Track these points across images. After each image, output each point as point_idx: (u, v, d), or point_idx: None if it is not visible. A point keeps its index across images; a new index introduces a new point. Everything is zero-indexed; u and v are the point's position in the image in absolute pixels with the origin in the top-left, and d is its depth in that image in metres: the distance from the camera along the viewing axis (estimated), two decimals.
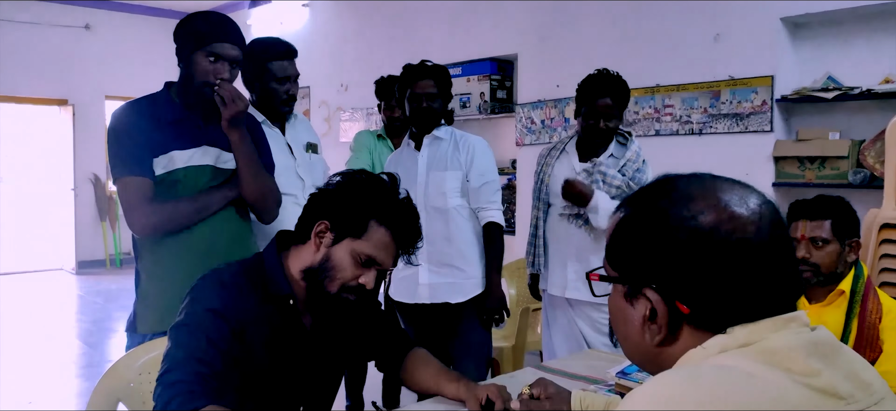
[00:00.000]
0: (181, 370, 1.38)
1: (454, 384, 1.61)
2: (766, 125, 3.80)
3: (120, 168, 2.07)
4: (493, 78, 5.37)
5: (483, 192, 2.73)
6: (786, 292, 0.78)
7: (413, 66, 2.80)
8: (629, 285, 0.82)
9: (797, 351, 0.73)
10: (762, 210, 0.78)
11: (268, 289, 1.54)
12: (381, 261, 1.51)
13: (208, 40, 2.04)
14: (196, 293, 1.50)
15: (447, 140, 2.79)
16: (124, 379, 1.83)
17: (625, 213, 0.84)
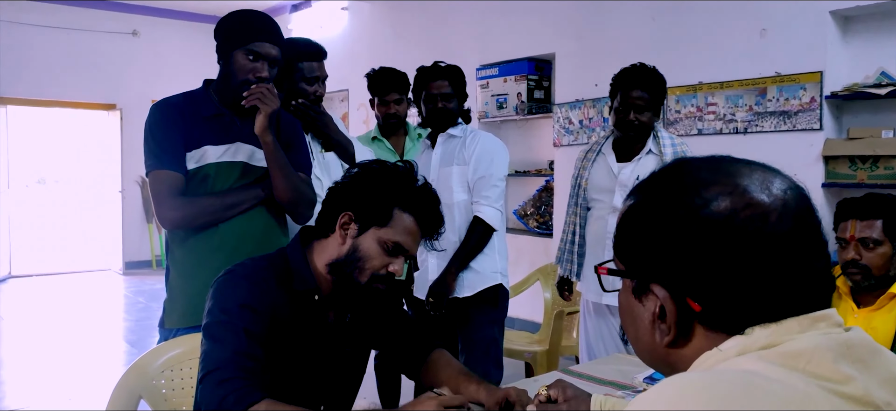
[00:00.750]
0: (228, 368, 1.36)
1: (473, 386, 1.57)
2: (815, 123, 3.64)
3: (152, 161, 2.09)
4: (530, 78, 5.29)
5: (477, 186, 2.72)
6: (814, 289, 0.68)
7: (427, 68, 2.82)
8: (637, 280, 0.75)
9: (825, 354, 0.64)
10: (787, 196, 0.69)
11: (292, 284, 1.53)
12: (408, 246, 1.51)
13: (248, 39, 2.04)
14: (222, 290, 1.49)
15: (460, 137, 2.80)
16: (146, 376, 1.82)
17: (633, 201, 0.77)
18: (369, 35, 7.07)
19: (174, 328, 2.09)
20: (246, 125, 2.13)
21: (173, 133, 2.07)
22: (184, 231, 2.12)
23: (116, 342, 5.54)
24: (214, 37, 2.12)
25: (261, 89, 2.04)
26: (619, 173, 2.66)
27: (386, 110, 3.30)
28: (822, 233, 0.70)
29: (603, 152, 2.77)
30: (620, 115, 2.61)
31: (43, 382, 4.45)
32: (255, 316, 1.43)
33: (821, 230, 0.70)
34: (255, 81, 2.04)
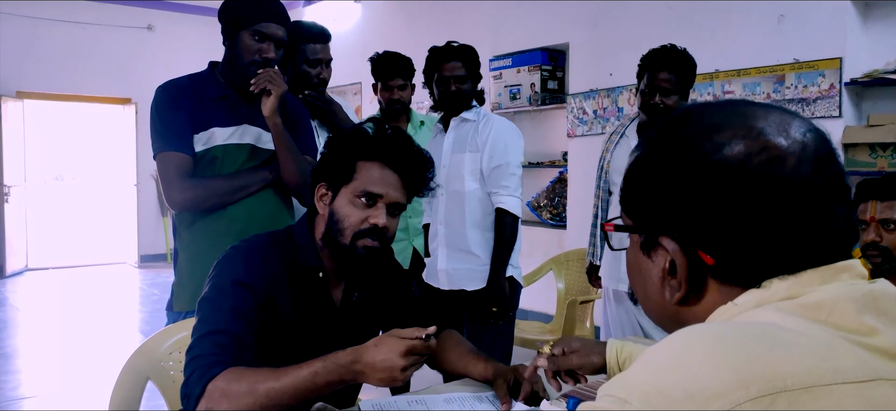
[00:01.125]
0: (202, 344, 1.35)
1: (482, 364, 1.55)
2: (834, 110, 3.57)
3: (159, 143, 2.08)
4: (543, 68, 5.25)
5: (495, 175, 2.59)
6: (835, 239, 0.64)
7: (439, 48, 2.68)
8: (645, 235, 0.71)
9: (848, 305, 0.60)
10: (806, 139, 0.64)
11: (297, 262, 1.51)
12: (382, 191, 1.46)
13: (254, 20, 2.02)
14: (222, 265, 1.47)
15: (473, 121, 2.67)
16: (154, 357, 1.81)
17: (641, 151, 0.72)
18: (382, 28, 7.05)
19: (182, 311, 2.09)
20: (252, 107, 2.11)
21: (180, 114, 2.06)
22: (191, 214, 2.11)
23: (131, 333, 5.57)
24: (219, 18, 2.09)
25: (269, 73, 2.03)
26: None
27: (389, 95, 3.16)
28: (844, 179, 0.65)
29: (627, 135, 2.73)
30: (646, 98, 2.55)
31: (58, 372, 4.48)
32: (245, 293, 1.41)
33: (844, 176, 0.65)
34: (261, 62, 2.03)
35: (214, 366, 1.29)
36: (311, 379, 1.27)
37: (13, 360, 4.70)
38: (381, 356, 1.26)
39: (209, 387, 1.26)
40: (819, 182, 0.63)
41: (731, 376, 0.54)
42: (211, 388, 1.26)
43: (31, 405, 3.84)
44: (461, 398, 1.44)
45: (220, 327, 1.35)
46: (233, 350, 1.33)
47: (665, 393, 0.55)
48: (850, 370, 0.55)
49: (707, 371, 0.55)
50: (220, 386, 1.26)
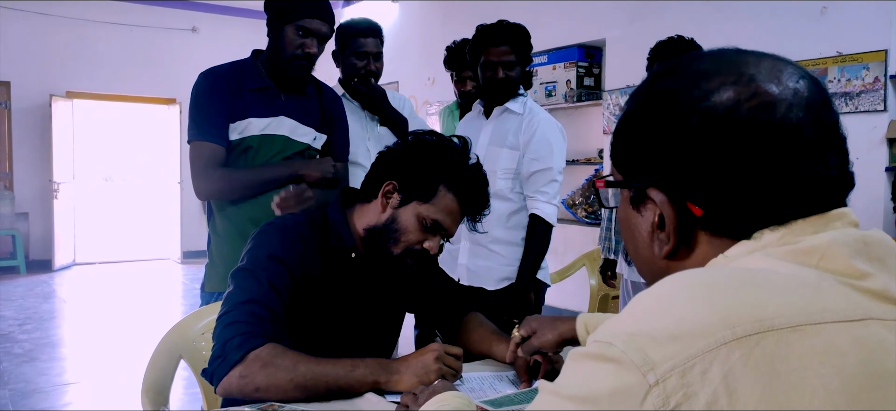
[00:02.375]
0: (239, 311, 1.37)
1: (504, 345, 1.55)
2: (878, 104, 3.47)
3: (194, 131, 2.12)
4: (579, 64, 5.21)
5: (534, 180, 2.42)
6: (828, 188, 0.62)
7: (487, 27, 2.48)
8: (634, 189, 0.69)
9: (840, 249, 0.59)
10: (798, 86, 0.62)
11: (330, 242, 1.53)
12: (447, 226, 1.48)
13: (299, 14, 2.06)
14: (258, 240, 1.50)
15: (519, 115, 2.48)
16: (187, 337, 1.85)
17: (630, 104, 0.70)
18: (419, 27, 7.09)
19: (215, 292, 2.13)
20: (289, 99, 2.16)
21: (217, 104, 2.10)
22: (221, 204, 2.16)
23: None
24: (265, 9, 2.14)
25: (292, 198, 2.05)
26: None
27: (462, 87, 3.25)
28: (839, 127, 0.63)
29: None
30: None
31: (100, 359, 4.61)
32: (281, 269, 1.43)
33: (838, 125, 0.63)
34: (303, 56, 2.07)
35: (257, 337, 1.32)
36: (350, 369, 1.31)
37: (59, 348, 4.86)
38: (416, 357, 1.34)
39: (251, 355, 1.29)
40: (812, 129, 0.61)
41: (715, 316, 0.54)
42: (252, 356, 1.29)
43: (75, 390, 3.96)
44: (482, 377, 1.45)
45: (258, 298, 1.38)
46: (270, 324, 1.36)
47: (650, 335, 0.55)
48: (841, 309, 0.55)
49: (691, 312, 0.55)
50: (262, 356, 1.29)
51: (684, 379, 0.52)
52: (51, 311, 6.02)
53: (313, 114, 2.23)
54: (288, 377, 1.27)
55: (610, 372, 0.55)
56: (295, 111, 2.16)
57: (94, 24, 8.33)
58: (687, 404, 0.51)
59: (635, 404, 0.53)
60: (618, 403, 0.54)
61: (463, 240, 2.51)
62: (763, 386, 0.51)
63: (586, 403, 0.55)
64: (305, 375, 1.27)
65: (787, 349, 0.52)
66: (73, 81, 8.34)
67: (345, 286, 1.55)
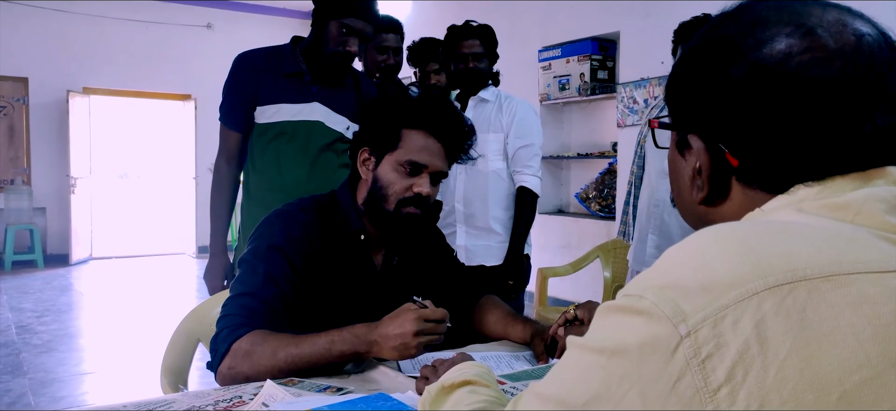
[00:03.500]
0: (232, 304, 1.39)
1: (520, 326, 1.55)
2: None
3: (221, 113, 2.28)
4: (593, 58, 5.20)
5: (520, 156, 2.64)
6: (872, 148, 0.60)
7: (457, 27, 2.71)
8: (679, 132, 0.70)
9: (876, 205, 0.57)
10: (862, 42, 0.59)
11: (339, 225, 1.54)
12: (426, 161, 1.47)
13: (344, 12, 2.10)
14: (262, 229, 1.51)
15: (492, 102, 2.70)
16: (205, 321, 1.87)
17: (687, 47, 0.70)
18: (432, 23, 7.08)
19: None
20: (322, 90, 2.21)
21: (242, 90, 2.19)
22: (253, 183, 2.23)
23: None
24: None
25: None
26: None
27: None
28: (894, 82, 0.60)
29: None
30: None
31: (117, 350, 4.66)
32: (279, 258, 1.43)
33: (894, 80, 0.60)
34: (343, 53, 2.12)
35: (241, 328, 1.33)
36: (328, 347, 1.30)
37: (77, 339, 4.91)
38: (394, 325, 1.29)
39: (234, 346, 1.31)
40: (864, 87, 0.59)
41: (747, 267, 0.53)
42: (235, 347, 1.31)
43: (92, 379, 4.01)
44: (498, 356, 1.45)
45: (251, 290, 1.39)
46: (261, 314, 1.37)
47: (680, 287, 0.54)
48: (874, 260, 0.54)
49: (722, 263, 0.54)
50: (244, 346, 1.31)
51: (716, 329, 0.51)
52: (68, 304, 6.09)
53: (348, 105, 2.27)
54: (270, 363, 1.28)
55: (640, 324, 0.54)
56: (329, 99, 2.22)
57: (110, 20, 8.40)
58: (718, 354, 0.51)
59: (666, 355, 0.52)
60: (648, 354, 0.53)
61: (458, 223, 2.69)
62: (795, 335, 0.50)
63: (615, 355, 0.55)
64: (286, 359, 1.28)
65: (820, 298, 0.51)
66: (90, 77, 8.42)
67: (355, 269, 1.55)
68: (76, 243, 8.23)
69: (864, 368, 0.49)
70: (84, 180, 8.41)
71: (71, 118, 8.01)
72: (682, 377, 0.52)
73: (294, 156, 2.20)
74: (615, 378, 0.54)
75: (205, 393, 1.21)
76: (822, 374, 0.49)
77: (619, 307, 0.57)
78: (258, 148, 2.22)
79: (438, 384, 0.91)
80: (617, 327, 0.56)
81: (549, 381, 0.61)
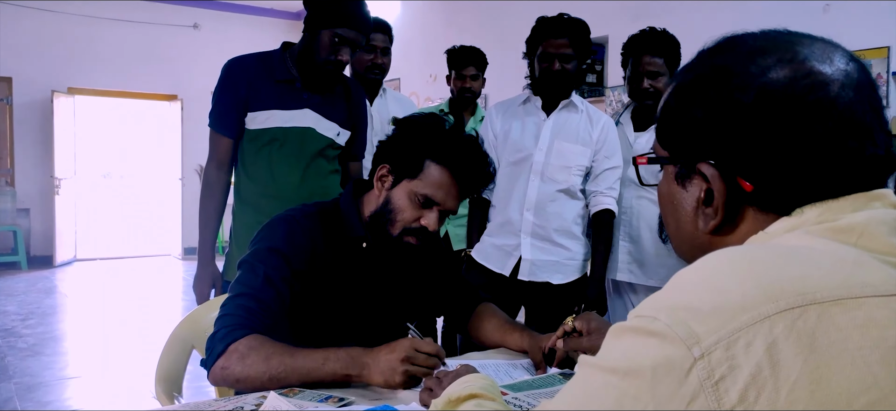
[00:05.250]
0: (231, 304, 1.39)
1: (518, 334, 1.56)
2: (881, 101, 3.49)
3: (211, 118, 2.26)
4: None
5: (607, 176, 2.47)
6: (871, 168, 0.63)
7: (547, 20, 2.50)
8: (682, 164, 0.70)
9: (878, 228, 0.60)
10: (848, 68, 0.64)
11: (341, 232, 1.54)
12: (440, 200, 1.47)
13: (337, 22, 2.09)
14: (264, 231, 1.51)
15: (582, 110, 2.50)
16: (199, 327, 1.86)
17: (680, 80, 0.71)
18: (421, 25, 7.10)
19: None
20: (314, 96, 2.21)
21: (233, 96, 2.18)
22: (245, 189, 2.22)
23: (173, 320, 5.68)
24: (304, 5, 2.17)
25: None
26: (635, 143, 2.53)
27: (462, 84, 3.39)
28: (883, 111, 0.65)
29: (621, 122, 2.63)
30: (634, 84, 2.47)
31: (102, 354, 4.62)
32: (280, 262, 1.43)
33: (882, 108, 0.65)
34: (334, 62, 2.12)
35: (238, 329, 1.33)
36: (322, 362, 1.29)
37: (61, 342, 4.87)
38: (385, 350, 1.28)
39: (231, 347, 1.31)
40: (861, 109, 0.62)
41: (758, 290, 0.54)
42: (232, 349, 1.31)
43: (78, 383, 3.97)
44: (496, 365, 1.45)
45: (250, 291, 1.39)
46: (259, 316, 1.37)
47: (693, 309, 0.55)
48: (880, 284, 0.55)
49: (734, 286, 0.55)
50: (240, 348, 1.31)
51: (729, 351, 0.52)
52: (53, 306, 6.03)
53: (339, 111, 2.28)
54: (262, 369, 1.28)
55: (653, 345, 0.55)
56: (320, 106, 2.22)
57: (95, 20, 8.33)
58: (731, 376, 0.52)
59: (679, 377, 0.53)
60: (661, 376, 0.54)
61: (524, 233, 2.46)
62: (805, 358, 0.51)
63: (629, 376, 0.56)
64: (278, 368, 1.28)
65: (829, 321, 0.53)
66: (75, 77, 8.34)
67: (355, 276, 1.55)
68: (60, 245, 8.15)
69: (873, 390, 0.51)
70: (68, 181, 8.33)
71: (55, 118, 7.93)
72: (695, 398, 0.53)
73: (287, 161, 2.20)
74: (629, 398, 0.55)
75: (205, 403, 1.21)
76: (832, 396, 0.51)
77: (632, 328, 0.58)
78: (250, 153, 2.22)
79: (444, 397, 0.91)
80: (630, 348, 0.57)
81: (561, 400, 0.62)
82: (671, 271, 2.17)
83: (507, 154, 2.51)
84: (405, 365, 1.25)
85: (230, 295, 1.42)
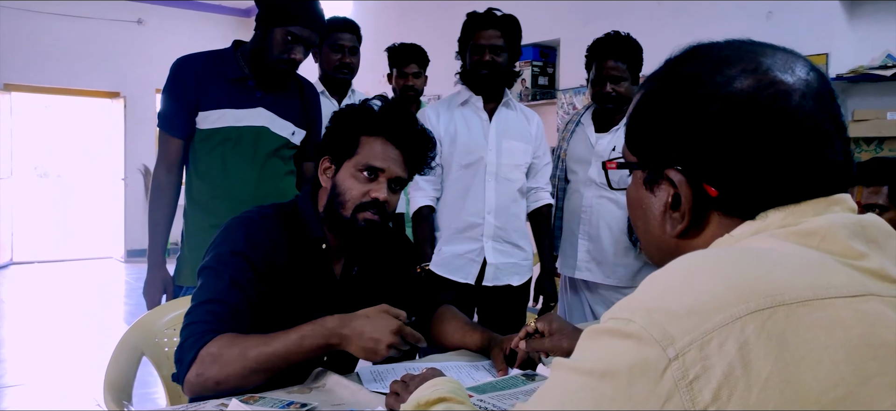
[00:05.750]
0: (198, 311, 1.37)
1: (478, 335, 1.57)
2: None
3: (160, 119, 2.20)
4: (534, 63, 5.28)
5: (546, 172, 2.57)
6: (832, 174, 0.66)
7: (478, 14, 2.52)
8: (650, 169, 0.72)
9: (839, 231, 0.62)
10: (809, 77, 0.67)
11: (300, 233, 1.53)
12: (383, 165, 1.48)
13: (290, 20, 2.06)
14: (224, 234, 1.49)
15: (515, 108, 2.56)
16: (150, 333, 1.81)
17: (647, 88, 0.74)
18: (373, 25, 7.06)
19: (186, 285, 2.12)
20: (267, 95, 2.16)
21: (184, 96, 2.13)
22: (197, 192, 2.17)
23: (117, 324, 5.54)
24: (256, 3, 2.14)
25: None
26: (596, 144, 2.57)
27: (404, 82, 3.34)
28: (842, 118, 0.68)
29: (582, 123, 2.69)
30: (597, 87, 2.52)
31: (42, 361, 4.45)
32: (243, 264, 1.42)
33: (841, 115, 0.68)
34: (287, 61, 2.09)
35: (207, 334, 1.32)
36: (299, 342, 1.30)
37: None
38: (371, 326, 1.30)
39: (201, 353, 1.29)
40: (821, 116, 0.65)
41: (730, 292, 0.56)
42: (203, 354, 1.29)
43: (16, 392, 3.82)
44: (458, 367, 1.46)
45: (216, 296, 1.37)
46: (227, 319, 1.35)
47: (668, 310, 0.57)
48: (843, 285, 0.58)
49: (707, 288, 0.57)
50: (211, 351, 1.29)
51: (702, 352, 0.54)
52: None
53: (293, 110, 2.25)
54: (240, 365, 1.27)
55: (629, 347, 0.57)
56: (274, 105, 2.18)
57: (34, 14, 8.01)
58: (705, 376, 0.54)
59: (654, 378, 0.55)
60: (637, 377, 0.55)
61: (487, 238, 2.45)
62: (775, 358, 0.53)
63: (605, 378, 0.57)
64: (257, 359, 1.28)
65: (797, 321, 0.55)
66: (12, 73, 7.99)
67: (314, 278, 1.54)
68: None
69: (839, 387, 0.53)
70: (4, 181, 8.00)
71: None
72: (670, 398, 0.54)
73: (241, 162, 2.16)
74: (605, 399, 0.56)
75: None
76: (801, 394, 0.53)
77: (607, 330, 0.60)
78: (202, 153, 2.17)
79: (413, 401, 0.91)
80: (606, 350, 0.58)
81: (539, 402, 0.62)
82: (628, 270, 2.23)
83: (458, 157, 2.50)
84: (393, 337, 1.28)
85: (194, 302, 1.40)
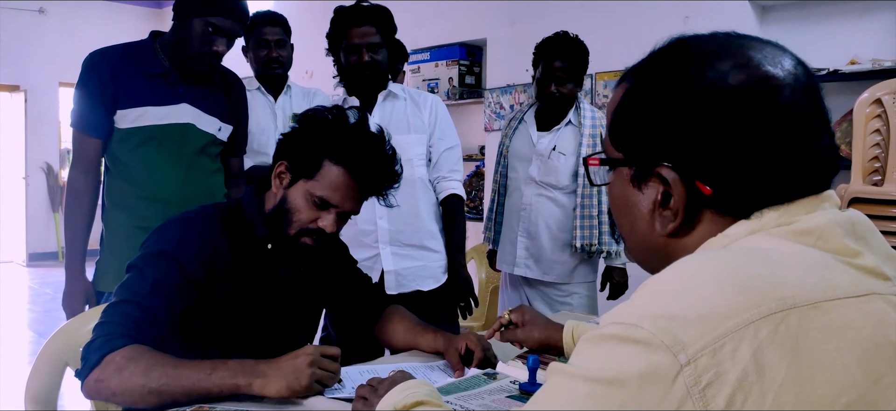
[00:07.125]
0: (113, 311, 1.30)
1: (430, 335, 1.55)
2: None
3: (73, 117, 2.05)
4: (461, 63, 5.31)
5: (447, 160, 2.32)
6: (821, 169, 0.66)
7: (346, 9, 2.24)
8: (639, 166, 0.69)
9: (834, 229, 0.63)
10: (797, 71, 0.66)
11: (245, 234, 1.47)
12: (337, 202, 1.42)
13: (209, 10, 1.96)
14: (156, 233, 1.42)
15: (403, 98, 2.32)
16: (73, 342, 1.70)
17: (632, 82, 0.70)
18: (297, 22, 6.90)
19: (108, 291, 2.00)
20: (190, 90, 2.05)
21: (100, 93, 2.00)
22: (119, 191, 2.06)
23: (21, 331, 5.20)
24: None
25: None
26: (537, 142, 2.61)
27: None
28: (827, 112, 0.67)
29: (525, 120, 2.71)
30: (542, 87, 2.55)
31: None
32: (171, 267, 1.34)
33: (826, 109, 0.67)
34: (210, 53, 1.99)
35: (117, 339, 1.24)
36: (209, 372, 1.20)
37: None
38: (288, 356, 1.23)
39: (107, 358, 1.22)
40: (809, 110, 0.65)
41: (740, 297, 0.55)
42: (108, 360, 1.22)
43: None
44: (412, 367, 1.44)
45: (135, 298, 1.30)
46: (142, 325, 1.28)
47: (676, 316, 0.55)
48: (848, 286, 0.58)
49: (716, 293, 0.56)
50: (117, 359, 1.22)
51: (715, 357, 0.53)
52: None
53: (219, 105, 2.14)
54: (141, 382, 1.19)
55: (638, 353, 0.55)
56: (198, 100, 2.08)
57: None
58: (718, 382, 0.53)
59: (666, 384, 0.53)
60: (647, 384, 0.54)
61: (382, 243, 2.25)
62: (789, 362, 0.53)
63: (614, 385, 0.55)
64: (159, 380, 1.19)
65: (809, 325, 0.55)
66: None
67: (258, 279, 1.48)
68: None
69: (852, 390, 0.54)
70: None
71: None
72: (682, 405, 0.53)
73: (166, 161, 2.06)
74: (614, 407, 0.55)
75: None
76: (815, 398, 0.53)
77: (613, 335, 0.58)
78: (122, 153, 2.04)
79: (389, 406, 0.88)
80: (612, 356, 0.57)
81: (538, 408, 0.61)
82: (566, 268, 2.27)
83: None
84: (312, 368, 1.20)
85: (113, 300, 1.32)
